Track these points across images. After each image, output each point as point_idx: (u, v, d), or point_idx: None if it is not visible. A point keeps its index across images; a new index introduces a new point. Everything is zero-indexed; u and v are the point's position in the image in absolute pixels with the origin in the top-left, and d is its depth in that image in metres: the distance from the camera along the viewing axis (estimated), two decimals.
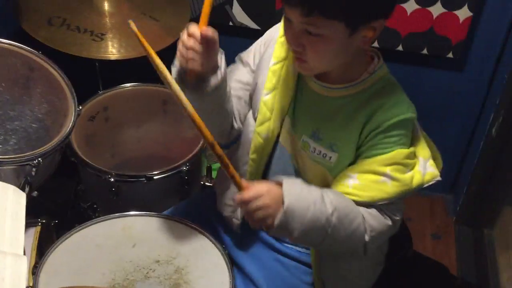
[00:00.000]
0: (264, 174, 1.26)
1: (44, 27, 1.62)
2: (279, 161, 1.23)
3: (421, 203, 2.24)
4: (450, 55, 1.86)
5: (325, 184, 1.17)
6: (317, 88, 1.12)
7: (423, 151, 1.14)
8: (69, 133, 1.39)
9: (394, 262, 1.34)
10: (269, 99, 1.17)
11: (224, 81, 1.11)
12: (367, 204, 1.09)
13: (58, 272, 1.18)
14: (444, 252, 2.08)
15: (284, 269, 1.29)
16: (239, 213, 1.31)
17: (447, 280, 1.67)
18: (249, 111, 1.25)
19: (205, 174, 1.81)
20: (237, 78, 1.25)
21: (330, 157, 1.12)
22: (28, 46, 1.45)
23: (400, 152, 1.08)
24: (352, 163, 1.12)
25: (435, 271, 1.64)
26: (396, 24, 1.83)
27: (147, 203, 1.61)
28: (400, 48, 1.86)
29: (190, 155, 1.62)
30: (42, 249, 1.34)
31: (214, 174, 1.90)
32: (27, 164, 1.29)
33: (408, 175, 1.09)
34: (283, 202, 1.00)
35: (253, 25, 1.96)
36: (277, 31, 1.20)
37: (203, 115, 1.01)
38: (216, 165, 2.09)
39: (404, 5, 1.78)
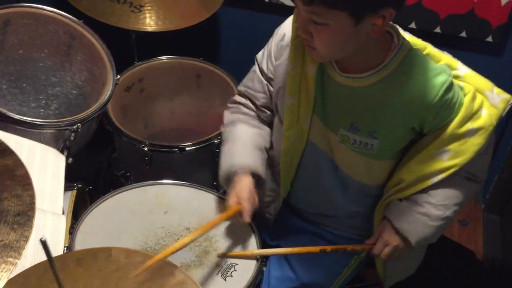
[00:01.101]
0: (296, 172, 1.28)
1: None
2: (310, 157, 1.24)
3: None
4: (490, 39, 1.82)
5: (369, 169, 1.19)
6: (344, 81, 1.10)
7: (482, 83, 1.13)
8: (107, 102, 1.42)
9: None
10: (293, 103, 1.17)
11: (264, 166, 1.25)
12: (469, 164, 1.12)
13: (93, 233, 1.22)
14: (470, 239, 2.07)
15: (322, 255, 1.29)
16: (272, 209, 1.34)
17: (474, 265, 1.66)
18: (275, 115, 1.27)
19: None
20: (260, 89, 1.28)
21: (372, 145, 1.13)
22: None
23: (466, 103, 1.09)
24: (401, 140, 1.14)
25: (462, 256, 1.64)
26: (435, 5, 1.79)
27: (177, 174, 1.65)
28: (438, 30, 1.83)
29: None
30: (76, 214, 1.39)
31: None
32: (66, 129, 1.33)
33: (484, 116, 1.10)
34: (409, 243, 1.18)
35: (289, 2, 1.95)
36: (286, 34, 1.18)
37: None
38: None
39: None
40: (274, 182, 1.33)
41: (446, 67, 1.09)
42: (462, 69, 1.14)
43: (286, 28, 1.19)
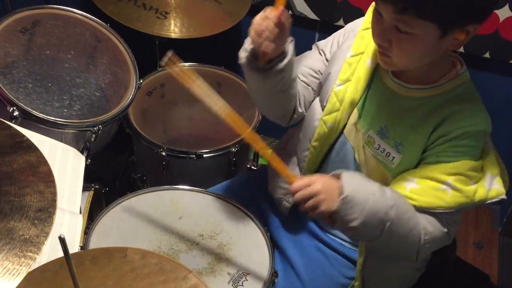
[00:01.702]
0: (322, 163, 1.27)
1: (113, 2, 1.68)
2: (340, 152, 1.23)
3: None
4: None
5: (383, 181, 1.16)
6: (393, 85, 1.10)
7: (492, 166, 1.09)
8: (129, 105, 1.44)
9: (435, 264, 1.33)
10: (341, 90, 1.16)
11: (289, 66, 1.12)
12: (424, 210, 1.08)
13: (107, 235, 1.23)
14: (485, 262, 2.03)
15: (325, 259, 1.30)
16: (291, 196, 1.32)
17: None
18: (315, 98, 1.25)
19: (252, 158, 1.83)
20: (309, 64, 1.26)
21: (393, 158, 1.11)
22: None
23: (466, 163, 1.05)
24: (414, 167, 1.11)
25: (476, 278, 1.61)
26: None
27: (194, 180, 1.65)
28: (461, 50, 1.82)
29: (240, 138, 1.65)
30: (91, 214, 1.41)
31: (261, 160, 1.92)
32: (88, 130, 1.35)
33: (471, 187, 1.06)
34: (342, 192, 1.03)
35: (313, 16, 1.96)
36: (358, 24, 1.19)
37: (265, 95, 1.05)
38: None
39: None
40: (298, 169, 1.31)
41: (489, 119, 1.07)
42: (487, 143, 1.11)
43: (360, 21, 1.19)
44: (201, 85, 1.06)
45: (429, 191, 1.07)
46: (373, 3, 1.07)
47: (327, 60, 1.25)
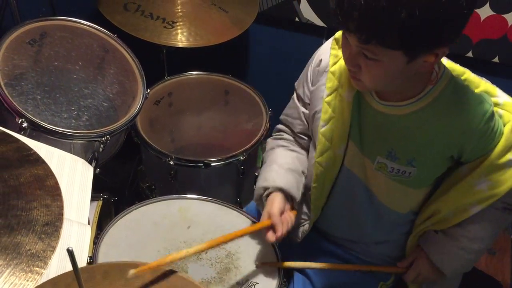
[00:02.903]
0: (329, 198, 1.28)
1: (120, 12, 1.70)
2: (347, 186, 1.23)
3: None
4: None
5: (405, 198, 1.18)
6: (382, 108, 1.10)
7: None
8: (137, 115, 1.45)
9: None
10: (326, 130, 1.17)
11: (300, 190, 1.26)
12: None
13: (116, 245, 1.23)
14: (497, 269, 2.00)
15: (345, 276, 1.29)
16: (299, 232, 1.33)
17: None
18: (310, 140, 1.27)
19: (260, 166, 1.83)
20: (298, 117, 1.29)
21: (410, 173, 1.12)
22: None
23: (507, 134, 1.07)
24: (439, 168, 1.13)
25: (488, 286, 1.59)
26: (468, 30, 1.77)
27: (202, 188, 1.66)
28: (470, 54, 1.81)
29: (248, 146, 1.65)
30: (100, 224, 1.41)
31: None
32: (96, 140, 1.36)
33: None
34: (443, 273, 1.19)
35: (319, 22, 1.96)
36: (323, 61, 1.19)
37: None
38: None
39: (478, 11, 1.73)
40: (305, 206, 1.32)
41: (487, 97, 1.08)
42: (501, 97, 1.12)
43: (322, 54, 1.20)
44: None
45: (501, 179, 1.09)
46: (336, 35, 1.13)
47: (305, 103, 1.26)
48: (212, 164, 1.60)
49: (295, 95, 1.31)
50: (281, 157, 1.30)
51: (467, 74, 1.11)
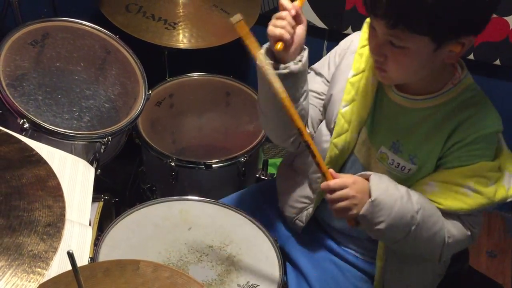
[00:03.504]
0: None
1: (122, 13, 1.69)
2: (350, 171, 1.21)
3: None
4: None
5: None
6: (398, 99, 1.10)
7: (509, 164, 1.09)
8: (138, 116, 1.45)
9: (448, 275, 1.32)
10: (347, 111, 1.15)
11: (302, 73, 1.10)
12: (447, 213, 1.09)
13: (117, 246, 1.23)
14: (498, 271, 2.00)
15: (339, 272, 1.29)
16: (304, 216, 1.32)
17: None
18: (322, 121, 1.25)
19: (261, 167, 1.83)
20: (311, 88, 1.25)
21: (409, 170, 1.11)
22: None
23: (484, 165, 1.06)
24: (430, 170, 1.11)
25: None
26: None
27: (203, 190, 1.66)
28: (471, 57, 1.81)
29: (249, 147, 1.65)
30: (101, 225, 1.41)
31: (270, 169, 1.92)
32: (97, 141, 1.36)
33: (491, 188, 1.06)
34: (370, 195, 1.04)
35: (320, 24, 1.96)
36: (353, 42, 1.19)
37: (275, 104, 1.06)
38: (273, 160, 2.11)
39: None
40: (310, 189, 1.30)
41: (500, 119, 1.07)
42: (500, 141, 1.10)
43: (354, 37, 1.19)
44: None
45: (450, 194, 1.07)
46: (368, 19, 1.09)
47: (327, 81, 1.24)
48: (213, 165, 1.60)
49: (312, 72, 1.27)
50: None
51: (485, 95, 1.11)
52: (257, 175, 1.81)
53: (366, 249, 1.30)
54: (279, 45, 1.05)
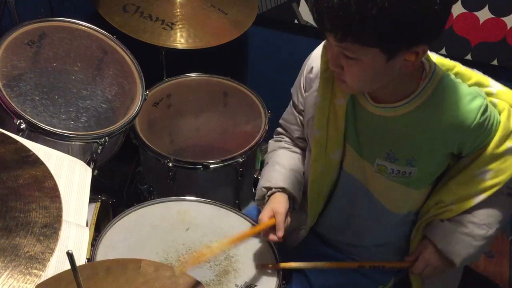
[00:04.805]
0: (328, 202, 1.28)
1: (119, 13, 1.69)
2: (348, 190, 1.23)
3: None
4: None
5: (407, 198, 1.17)
6: (377, 111, 1.10)
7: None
8: (135, 116, 1.44)
9: None
10: (320, 136, 1.17)
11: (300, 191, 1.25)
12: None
13: (115, 247, 1.23)
14: (496, 271, 2.00)
15: (344, 279, 1.29)
16: (297, 237, 1.34)
17: None
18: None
19: (259, 168, 1.83)
20: (295, 122, 1.31)
21: (410, 173, 1.12)
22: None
23: (503, 123, 1.07)
24: (440, 165, 1.13)
25: None
26: (467, 33, 1.78)
27: (200, 190, 1.65)
28: (469, 57, 1.81)
29: (247, 148, 1.65)
30: (98, 226, 1.40)
31: None
32: (94, 142, 1.35)
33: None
34: (453, 263, 1.17)
35: None
36: (314, 67, 1.19)
37: None
38: None
39: (477, 13, 1.73)
40: (302, 210, 1.32)
41: (480, 90, 1.08)
42: (494, 86, 1.13)
43: (314, 60, 1.20)
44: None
45: (503, 166, 1.09)
46: (325, 41, 1.11)
47: (301, 110, 1.27)
48: (211, 166, 1.60)
49: (291, 101, 1.32)
50: (284, 158, 1.30)
51: (458, 67, 1.12)
52: (255, 176, 1.80)
53: (372, 255, 1.31)
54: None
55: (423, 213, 1.20)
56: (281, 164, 1.28)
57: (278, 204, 1.20)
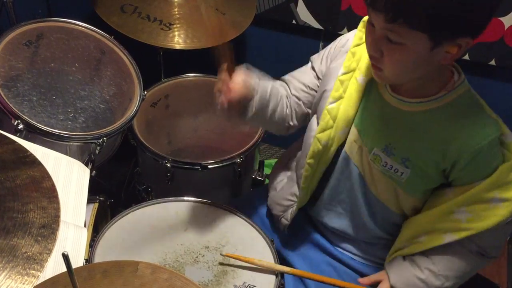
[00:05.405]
0: (323, 180, 1.26)
1: (117, 14, 1.69)
2: (344, 171, 1.22)
3: None
4: None
5: (395, 196, 1.16)
6: (393, 101, 1.09)
7: None
8: (133, 117, 1.44)
9: None
10: (333, 108, 1.16)
11: (259, 109, 1.16)
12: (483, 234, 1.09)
13: (113, 247, 1.23)
14: (494, 271, 2.01)
15: (336, 274, 1.29)
16: (289, 214, 1.32)
17: None
18: (312, 116, 1.25)
19: (257, 168, 1.83)
20: (302, 80, 1.26)
21: (402, 173, 1.11)
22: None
23: (502, 170, 1.04)
24: (432, 180, 1.11)
25: None
26: None
27: (199, 191, 1.64)
28: (466, 57, 1.82)
29: (245, 148, 1.64)
30: (96, 226, 1.40)
31: (266, 170, 1.91)
32: (92, 142, 1.35)
33: None
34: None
35: (316, 25, 1.96)
36: (349, 41, 1.19)
37: (259, 124, 1.14)
38: (269, 161, 2.11)
39: None
40: (297, 187, 1.30)
41: (498, 123, 1.06)
42: (508, 137, 1.08)
43: (350, 35, 1.19)
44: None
45: (482, 214, 1.07)
46: (365, 18, 1.09)
47: (317, 76, 1.25)
48: (209, 166, 1.60)
49: (309, 65, 1.28)
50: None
51: (482, 102, 1.10)
52: (253, 176, 1.80)
53: (363, 250, 1.30)
54: (235, 105, 1.11)
55: (401, 240, 1.20)
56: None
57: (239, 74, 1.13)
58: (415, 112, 1.07)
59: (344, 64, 1.15)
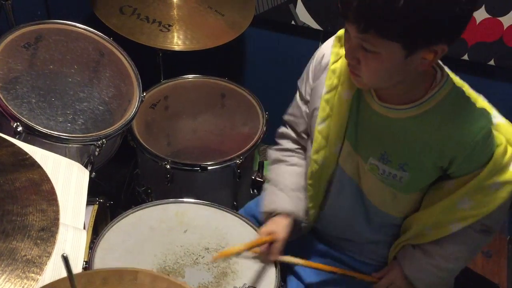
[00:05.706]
0: (325, 198, 1.28)
1: (116, 15, 1.69)
2: (341, 185, 1.23)
3: None
4: None
5: (395, 201, 1.17)
6: (381, 110, 1.09)
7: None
8: (132, 118, 1.44)
9: None
10: (323, 128, 1.17)
11: (300, 202, 1.26)
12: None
13: (113, 249, 1.23)
14: (494, 271, 2.01)
15: (341, 278, 1.28)
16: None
17: None
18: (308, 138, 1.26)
19: (257, 169, 1.83)
20: (300, 115, 1.28)
21: (401, 177, 1.11)
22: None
23: (497, 156, 1.06)
24: (430, 177, 1.12)
25: None
26: (464, 33, 1.77)
27: (198, 192, 1.65)
28: (466, 57, 1.82)
29: (244, 149, 1.65)
30: (96, 228, 1.40)
31: (266, 170, 1.91)
32: (91, 144, 1.35)
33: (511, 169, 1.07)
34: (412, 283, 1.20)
35: (316, 26, 1.96)
36: (325, 55, 1.19)
37: None
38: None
39: (474, 14, 1.73)
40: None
41: (487, 113, 1.06)
42: (496, 117, 1.10)
43: (325, 50, 1.19)
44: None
45: (485, 199, 1.08)
46: (339, 32, 1.13)
47: (308, 100, 1.25)
48: (209, 167, 1.60)
49: (298, 93, 1.29)
50: (286, 177, 1.29)
51: (466, 88, 1.10)
52: (253, 177, 1.80)
53: (366, 251, 1.31)
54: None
55: (405, 230, 1.21)
56: (284, 184, 1.27)
57: (279, 227, 1.21)
58: (405, 118, 1.07)
59: (326, 83, 1.15)
